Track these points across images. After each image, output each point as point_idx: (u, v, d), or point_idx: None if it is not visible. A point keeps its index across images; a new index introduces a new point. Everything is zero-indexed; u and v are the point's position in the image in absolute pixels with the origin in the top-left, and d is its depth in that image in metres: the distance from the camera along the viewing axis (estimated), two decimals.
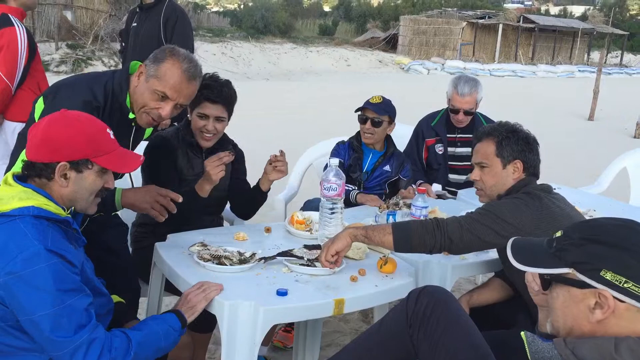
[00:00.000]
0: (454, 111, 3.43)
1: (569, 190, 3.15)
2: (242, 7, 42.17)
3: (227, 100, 2.49)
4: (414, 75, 23.36)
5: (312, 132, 8.02)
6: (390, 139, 3.21)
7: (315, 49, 24.44)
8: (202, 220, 2.56)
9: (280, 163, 2.46)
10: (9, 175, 1.63)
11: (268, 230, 2.39)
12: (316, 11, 45.13)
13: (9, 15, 3.08)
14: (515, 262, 1.34)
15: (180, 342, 1.77)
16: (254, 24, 28.34)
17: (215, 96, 2.45)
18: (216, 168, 2.27)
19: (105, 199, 1.88)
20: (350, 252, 2.09)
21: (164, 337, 1.68)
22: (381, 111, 3.05)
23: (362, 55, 25.38)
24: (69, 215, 1.64)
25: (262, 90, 14.32)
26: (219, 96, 2.45)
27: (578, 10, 49.98)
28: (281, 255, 2.04)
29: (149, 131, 2.40)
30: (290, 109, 11.45)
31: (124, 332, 1.62)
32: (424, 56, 26.31)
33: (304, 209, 2.93)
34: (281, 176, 2.50)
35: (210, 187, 2.33)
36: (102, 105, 2.05)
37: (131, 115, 2.13)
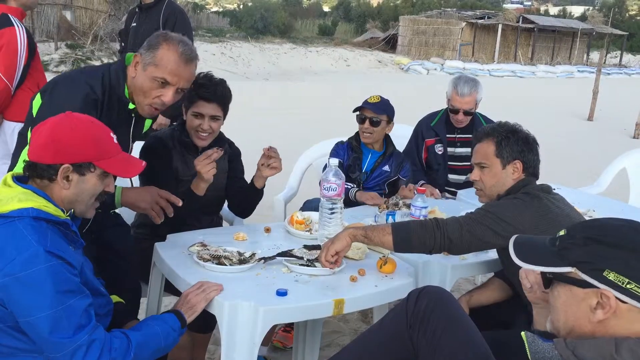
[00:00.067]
0: (453, 111, 3.43)
1: (568, 191, 3.14)
2: (241, 7, 42.17)
3: (221, 99, 2.49)
4: (413, 75, 23.37)
5: (312, 132, 8.01)
6: (389, 139, 3.20)
7: (314, 49, 24.45)
8: (201, 221, 2.56)
9: (273, 160, 2.44)
10: (9, 176, 1.63)
11: (268, 230, 2.39)
12: (316, 11, 45.20)
13: (9, 15, 3.08)
14: (518, 259, 1.34)
15: (180, 342, 1.77)
16: (254, 24, 28.36)
17: (210, 95, 2.44)
18: (206, 166, 2.24)
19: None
20: (350, 252, 2.08)
21: (164, 338, 1.68)
22: (379, 111, 3.05)
23: (362, 55, 25.39)
24: (68, 217, 1.64)
25: (262, 91, 14.30)
26: (213, 95, 2.45)
27: (577, 10, 50.09)
28: (281, 255, 2.04)
29: (149, 122, 2.37)
30: (290, 109, 11.44)
31: (123, 332, 1.62)
32: (424, 56, 26.34)
33: (303, 209, 2.92)
34: (274, 172, 2.47)
35: (205, 186, 2.32)
36: (100, 98, 2.03)
37: (131, 106, 2.11)
